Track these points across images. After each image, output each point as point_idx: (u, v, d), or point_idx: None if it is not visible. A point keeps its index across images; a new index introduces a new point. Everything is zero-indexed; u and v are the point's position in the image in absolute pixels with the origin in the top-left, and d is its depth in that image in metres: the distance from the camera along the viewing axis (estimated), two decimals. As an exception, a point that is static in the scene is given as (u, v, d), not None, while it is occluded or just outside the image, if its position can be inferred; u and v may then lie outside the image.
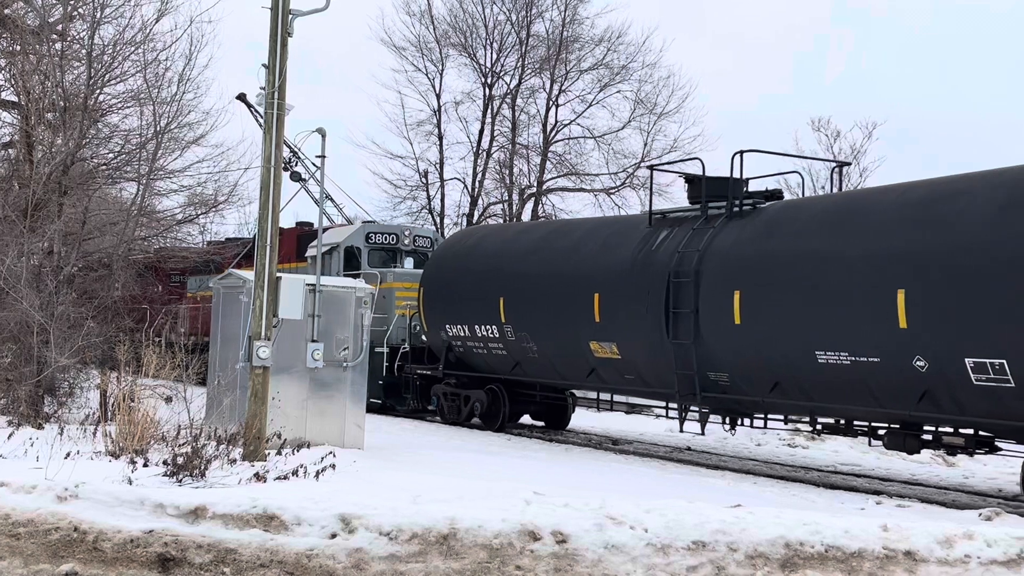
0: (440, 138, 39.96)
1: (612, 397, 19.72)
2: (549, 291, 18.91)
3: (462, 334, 20.91)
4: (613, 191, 38.92)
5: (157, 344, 16.39)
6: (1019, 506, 13.90)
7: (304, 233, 28.18)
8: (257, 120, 28.64)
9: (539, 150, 39.26)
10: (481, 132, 39.54)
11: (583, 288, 18.08)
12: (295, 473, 11.22)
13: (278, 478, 11.07)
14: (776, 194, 17.00)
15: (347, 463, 12.26)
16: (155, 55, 21.36)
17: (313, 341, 14.59)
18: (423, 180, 40.01)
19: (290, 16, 12.99)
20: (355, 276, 23.51)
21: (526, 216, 38.54)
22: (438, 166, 40.12)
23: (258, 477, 11.00)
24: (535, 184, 38.91)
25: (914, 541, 8.59)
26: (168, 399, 15.06)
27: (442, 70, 39.83)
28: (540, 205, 39.14)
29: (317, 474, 11.28)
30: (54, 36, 21.02)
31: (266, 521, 8.89)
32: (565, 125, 39.51)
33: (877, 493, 14.44)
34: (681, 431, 17.26)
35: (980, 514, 11.74)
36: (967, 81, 65.17)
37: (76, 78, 20.80)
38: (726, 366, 15.77)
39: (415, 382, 22.67)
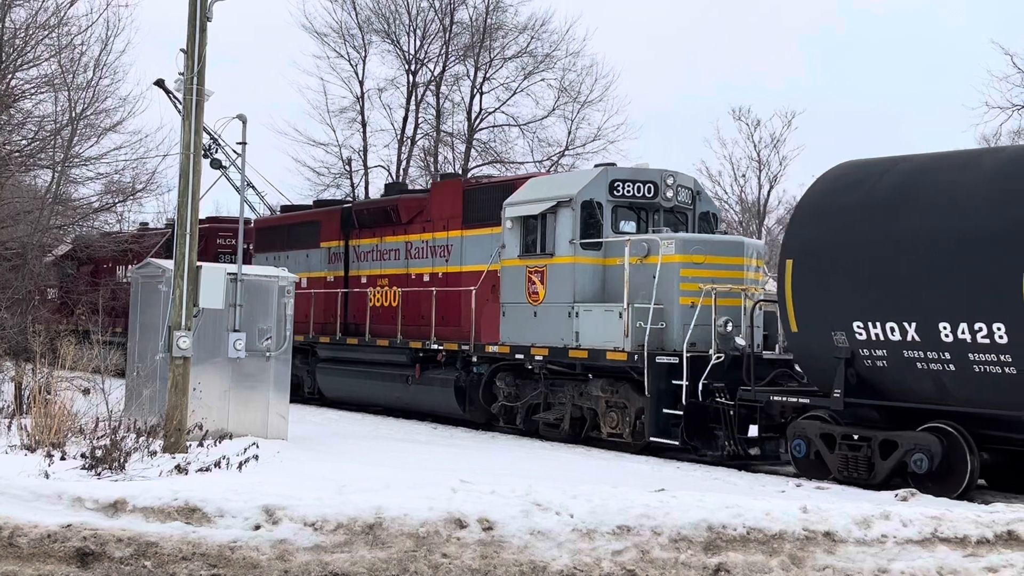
0: (363, 125, 39.67)
1: None
2: None
3: (893, 337, 13.03)
4: (538, 179, 38.98)
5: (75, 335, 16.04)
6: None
7: (475, 187, 20.39)
8: (176, 106, 27.99)
9: (464, 137, 39.18)
10: (405, 119, 39.33)
11: None
12: (217, 465, 11.09)
13: (200, 470, 10.93)
14: None
15: (271, 454, 12.14)
16: (70, 39, 20.84)
17: (235, 331, 14.42)
18: (347, 167, 39.69)
19: (209, 0, 12.77)
20: (595, 246, 16.96)
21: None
22: (362, 153, 39.84)
23: (179, 469, 10.86)
24: (460, 171, 38.85)
25: (833, 522, 8.77)
26: (86, 391, 14.77)
27: (365, 57, 39.52)
28: (465, 193, 39.13)
29: (240, 465, 11.15)
30: (-38, 19, 20.39)
31: (188, 513, 8.76)
32: (490, 113, 39.50)
33: (797, 476, 14.69)
34: None
35: (896, 495, 12.00)
36: (858, 75, 66.56)
37: (-14, 62, 20.20)
38: None
39: (727, 412, 15.02)
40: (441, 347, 19.34)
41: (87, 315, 23.96)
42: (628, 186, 17.27)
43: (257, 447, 11.98)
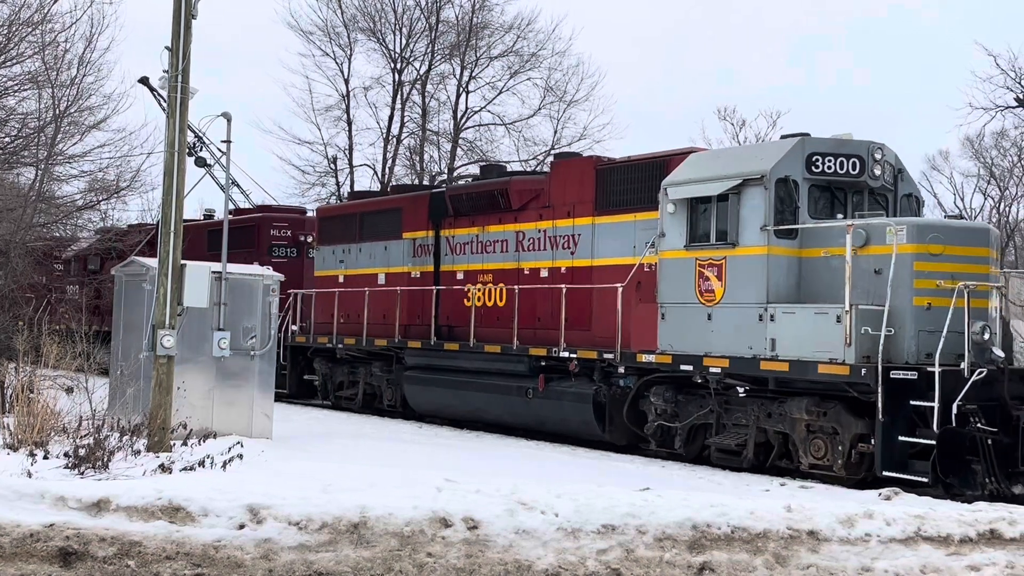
0: (349, 124, 39.62)
1: None
2: None
3: None
4: (524, 178, 38.96)
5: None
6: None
7: (610, 166, 17.24)
8: (160, 104, 27.81)
9: (449, 136, 39.15)
10: (391, 118, 39.29)
11: None
12: (201, 464, 11.06)
13: (184, 469, 10.89)
14: None
15: (255, 453, 12.11)
16: (54, 36, 20.77)
17: (219, 330, 14.38)
18: (332, 166, 39.63)
19: (194, -2, 12.72)
20: (789, 233, 14.09)
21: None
22: (347, 152, 39.79)
23: (163, 468, 10.83)
24: (446, 170, 38.81)
25: (817, 521, 8.80)
26: (69, 390, 14.70)
27: (350, 55, 39.49)
28: (451, 192, 39.10)
29: (224, 464, 11.12)
30: (-56, 15, 20.28)
31: (172, 513, 8.73)
32: (475, 112, 39.48)
33: (781, 475, 14.73)
34: None
35: (880, 494, 12.04)
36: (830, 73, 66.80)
37: (-32, 59, 20.09)
38: None
39: (985, 442, 11.95)
40: (574, 355, 16.52)
41: (70, 313, 23.83)
42: (829, 161, 14.26)
43: (242, 446, 11.96)
